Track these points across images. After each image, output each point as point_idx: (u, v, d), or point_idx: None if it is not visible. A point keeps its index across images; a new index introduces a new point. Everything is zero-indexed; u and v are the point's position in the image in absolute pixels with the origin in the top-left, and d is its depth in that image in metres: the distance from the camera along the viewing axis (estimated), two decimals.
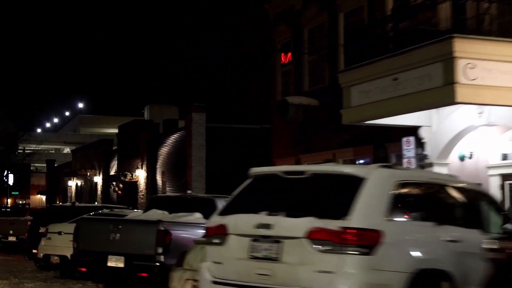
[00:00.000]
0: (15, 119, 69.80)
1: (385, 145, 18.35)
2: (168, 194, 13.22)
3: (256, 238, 7.05)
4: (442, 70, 13.13)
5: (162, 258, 11.48)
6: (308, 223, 6.65)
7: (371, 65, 15.07)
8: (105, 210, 17.62)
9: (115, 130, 58.07)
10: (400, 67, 14.21)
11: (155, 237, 11.53)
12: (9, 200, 68.84)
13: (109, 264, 11.91)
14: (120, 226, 11.93)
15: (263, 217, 7.01)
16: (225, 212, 7.61)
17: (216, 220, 7.65)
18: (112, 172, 41.35)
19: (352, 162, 19.49)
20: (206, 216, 12.89)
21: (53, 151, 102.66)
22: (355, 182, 6.71)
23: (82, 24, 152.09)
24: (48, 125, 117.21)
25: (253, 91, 36.25)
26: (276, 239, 6.88)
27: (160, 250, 11.48)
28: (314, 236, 6.59)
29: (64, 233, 15.93)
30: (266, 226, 6.92)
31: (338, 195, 6.86)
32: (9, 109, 77.04)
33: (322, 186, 7.05)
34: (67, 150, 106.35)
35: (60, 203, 42.73)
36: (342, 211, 6.57)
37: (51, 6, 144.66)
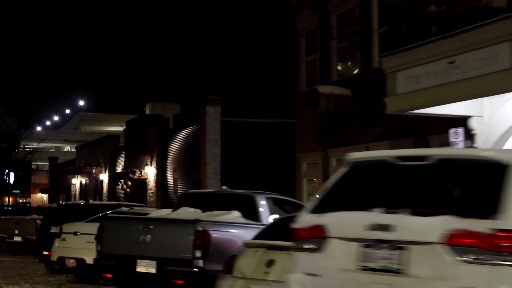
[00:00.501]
0: (15, 117, 68.51)
1: (426, 138, 16.87)
2: (201, 190, 11.84)
3: (369, 244, 5.53)
4: (510, 50, 11.67)
5: (200, 262, 10.02)
6: (445, 223, 5.09)
7: (421, 47, 13.56)
8: (124, 209, 16.16)
9: (117, 128, 56.67)
10: (457, 48, 12.71)
11: (193, 239, 10.06)
12: (8, 199, 67.32)
13: (139, 269, 10.44)
14: (151, 226, 10.45)
15: (378, 216, 5.41)
16: (320, 209, 5.90)
17: (309, 219, 5.96)
18: (119, 169, 39.86)
19: None
20: (246, 215, 11.43)
21: (53, 150, 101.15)
22: (498, 170, 5.13)
23: (82, 22, 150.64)
24: (48, 123, 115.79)
25: (270, 84, 34.72)
26: (399, 245, 5.33)
27: (198, 253, 10.02)
28: (455, 241, 5.03)
29: (81, 234, 14.46)
30: (384, 227, 5.34)
31: (478, 186, 5.22)
32: (9, 107, 75.53)
33: (454, 175, 5.45)
34: (67, 148, 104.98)
35: (64, 202, 41.17)
36: (488, 208, 5.00)
37: (53, 3, 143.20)
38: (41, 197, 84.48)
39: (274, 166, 28.67)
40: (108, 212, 15.80)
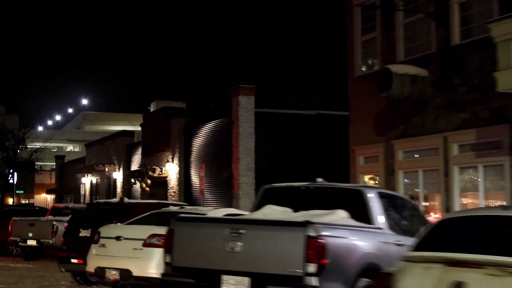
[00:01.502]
0: (16, 116, 65.81)
1: None
2: (289, 184, 9.35)
3: None
4: None
5: (314, 281, 7.32)
6: None
7: None
8: (173, 208, 13.47)
9: (120, 127, 54.04)
10: None
11: (303, 248, 7.36)
12: (13, 200, 64.62)
13: None
14: (242, 231, 7.74)
15: None
16: None
17: None
18: (134, 167, 37.13)
19: (474, 147, 15.31)
20: (354, 215, 8.74)
21: (55, 149, 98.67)
22: None
23: (84, 21, 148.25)
24: (49, 122, 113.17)
25: (307, 73, 31.93)
26: None
27: (311, 268, 7.33)
28: None
29: (125, 239, 11.72)
30: None
31: None
32: (9, 106, 72.80)
33: None
34: (70, 148, 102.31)
35: (95, 200, 38.25)
36: None
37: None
38: (45, 198, 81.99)
39: (314, 162, 25.97)
40: (161, 212, 13.10)
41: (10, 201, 64.00)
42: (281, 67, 32.42)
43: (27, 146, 57.16)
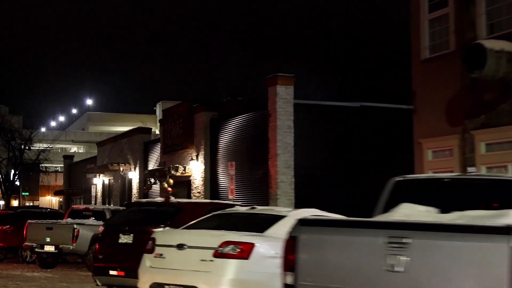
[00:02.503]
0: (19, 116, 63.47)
1: None
2: (429, 175, 7.23)
3: None
4: None
5: None
6: None
7: None
8: (241, 209, 11.03)
9: (126, 128, 51.71)
10: None
11: (508, 266, 4.91)
12: (19, 201, 62.24)
13: None
14: (406, 240, 5.29)
15: None
16: None
17: None
18: (152, 166, 34.71)
19: None
20: None
21: (59, 151, 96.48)
22: None
23: (88, 21, 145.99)
24: (53, 123, 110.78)
25: (351, 61, 29.48)
26: None
27: None
28: None
29: (189, 247, 9.25)
30: None
31: None
32: (13, 107, 70.51)
33: None
34: (74, 149, 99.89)
35: (133, 200, 35.60)
36: None
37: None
38: (50, 200, 79.80)
39: (360, 159, 23.58)
40: (218, 212, 10.65)
41: (14, 203, 61.52)
42: (320, 55, 29.89)
43: (31, 147, 54.73)
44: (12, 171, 52.88)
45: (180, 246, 9.29)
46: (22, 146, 51.85)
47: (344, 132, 23.96)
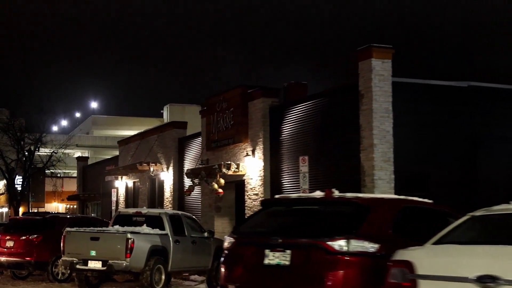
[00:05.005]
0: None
1: None
2: None
3: None
4: None
5: None
6: None
7: None
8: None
9: (133, 132, 47.38)
10: None
11: None
12: (29, 208, 57.47)
13: None
14: None
15: None
16: None
17: None
18: (188, 165, 30.07)
19: None
20: None
21: (61, 155, 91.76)
22: None
23: (93, 23, 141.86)
24: (55, 128, 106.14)
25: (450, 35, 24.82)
26: None
27: None
28: None
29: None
30: None
31: None
32: (15, 110, 66.06)
33: None
34: (78, 154, 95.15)
35: (275, 197, 30.83)
36: None
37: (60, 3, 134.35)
38: (56, 207, 75.71)
39: (473, 150, 19.01)
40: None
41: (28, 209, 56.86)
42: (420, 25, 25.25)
43: (34, 151, 50.01)
44: (16, 175, 48.21)
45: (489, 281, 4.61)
46: (32, 148, 47.18)
47: (450, 118, 19.39)
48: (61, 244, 16.21)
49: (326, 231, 7.29)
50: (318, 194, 8.40)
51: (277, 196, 9.72)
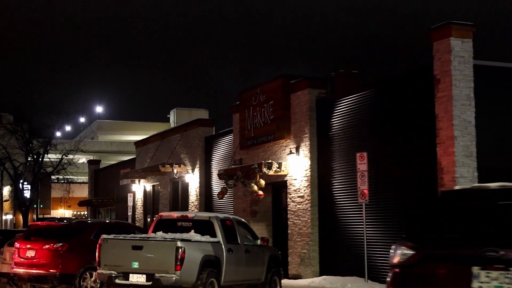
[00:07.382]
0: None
1: None
2: None
3: None
4: None
5: None
6: None
7: None
8: None
9: (139, 137, 44.96)
10: None
11: None
12: (37, 215, 54.92)
13: None
14: None
15: None
16: None
17: None
18: (217, 166, 27.51)
19: None
20: None
21: (66, 161, 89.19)
22: None
23: (99, 27, 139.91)
24: (58, 134, 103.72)
25: None
26: None
27: None
28: None
29: None
30: None
31: None
32: (18, 116, 63.67)
33: None
34: (83, 160, 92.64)
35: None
36: None
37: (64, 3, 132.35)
38: (63, 214, 73.52)
39: None
40: None
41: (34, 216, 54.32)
42: None
43: (43, 153, 47.52)
44: (23, 180, 45.66)
45: None
46: (41, 151, 44.65)
47: None
48: (97, 254, 13.59)
49: None
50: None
51: (457, 187, 7.15)
